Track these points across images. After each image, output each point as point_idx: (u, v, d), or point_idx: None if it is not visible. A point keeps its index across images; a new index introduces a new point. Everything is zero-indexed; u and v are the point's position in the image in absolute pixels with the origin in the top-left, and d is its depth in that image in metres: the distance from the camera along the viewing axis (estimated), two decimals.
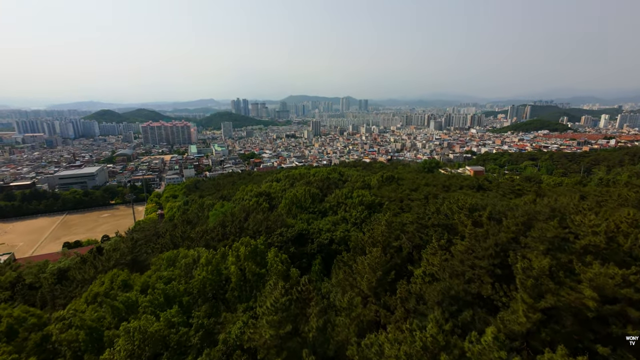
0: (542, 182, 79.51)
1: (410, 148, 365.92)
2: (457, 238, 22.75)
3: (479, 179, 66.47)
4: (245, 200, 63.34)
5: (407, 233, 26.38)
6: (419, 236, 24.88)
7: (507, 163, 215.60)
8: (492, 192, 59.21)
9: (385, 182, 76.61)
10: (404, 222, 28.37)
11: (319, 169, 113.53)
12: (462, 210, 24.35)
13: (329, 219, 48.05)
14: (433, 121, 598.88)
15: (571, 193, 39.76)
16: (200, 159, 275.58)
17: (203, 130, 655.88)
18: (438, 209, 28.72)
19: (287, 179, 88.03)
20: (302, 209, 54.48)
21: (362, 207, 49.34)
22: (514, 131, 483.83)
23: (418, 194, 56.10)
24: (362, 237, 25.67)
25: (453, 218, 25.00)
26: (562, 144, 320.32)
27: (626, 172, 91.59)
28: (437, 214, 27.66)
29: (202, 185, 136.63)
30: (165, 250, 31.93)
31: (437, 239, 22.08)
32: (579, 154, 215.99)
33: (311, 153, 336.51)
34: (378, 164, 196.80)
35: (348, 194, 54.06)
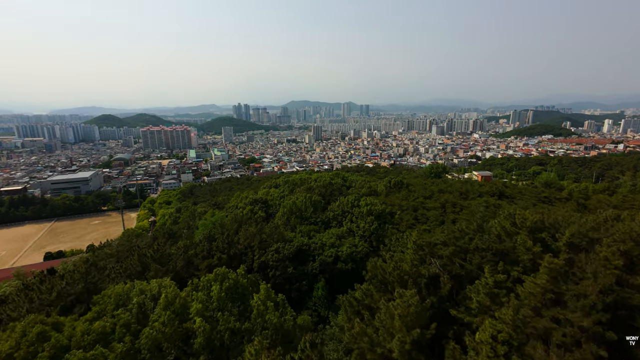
0: (563, 188, 72.78)
1: (413, 153, 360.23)
2: (518, 269, 16.17)
3: (498, 185, 59.99)
4: (239, 209, 56.82)
5: (440, 257, 19.89)
6: (459, 264, 18.37)
7: (514, 168, 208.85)
8: (517, 199, 52.71)
9: (393, 188, 70.05)
10: (434, 241, 21.90)
11: (320, 173, 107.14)
12: (522, 229, 17.86)
13: (333, 232, 41.51)
14: (435, 126, 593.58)
15: (626, 202, 33.21)
16: (199, 164, 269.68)
17: (204, 135, 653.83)
18: (481, 225, 22.10)
19: (286, 185, 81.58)
20: (302, 219, 47.98)
21: (371, 217, 42.80)
22: (517, 136, 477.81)
23: (433, 202, 49.60)
24: (384, 266, 19.08)
25: (505, 238, 18.47)
26: (569, 149, 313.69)
27: None
28: (480, 232, 21.11)
29: (198, 191, 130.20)
30: (129, 276, 25.51)
31: (491, 271, 15.52)
32: (589, 159, 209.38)
33: (312, 158, 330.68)
34: (382, 168, 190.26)
35: (354, 202, 47.56)
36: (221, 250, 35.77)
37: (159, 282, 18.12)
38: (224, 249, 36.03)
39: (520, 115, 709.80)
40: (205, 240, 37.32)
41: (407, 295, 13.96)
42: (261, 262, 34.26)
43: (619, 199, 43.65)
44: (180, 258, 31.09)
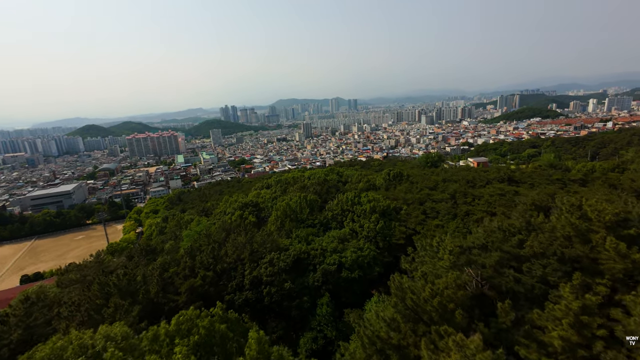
0: (569, 169, 69.19)
1: (404, 144, 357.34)
2: (602, 283, 11.52)
3: (505, 170, 55.90)
4: (228, 215, 51.53)
5: (481, 267, 15.18)
6: (513, 276, 13.65)
7: (508, 152, 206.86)
8: (528, 184, 48.62)
9: (393, 180, 65.49)
10: (468, 245, 17.23)
11: (314, 170, 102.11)
12: (598, 225, 13.20)
13: (333, 234, 36.65)
14: (424, 116, 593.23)
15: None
16: (188, 169, 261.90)
17: (192, 139, 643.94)
18: (529, 221, 17.33)
19: (278, 185, 76.38)
20: (298, 221, 43.01)
21: (375, 215, 38.03)
22: (506, 120, 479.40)
23: (440, 193, 45.10)
24: (414, 288, 14.16)
25: (575, 239, 13.81)
26: (559, 130, 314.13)
27: None
28: (530, 230, 16.36)
29: (186, 197, 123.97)
30: (87, 313, 20.25)
31: (573, 289, 10.83)
32: (582, 138, 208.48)
33: (304, 155, 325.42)
34: (375, 161, 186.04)
35: (355, 199, 42.72)
36: (206, 267, 30.61)
37: (107, 330, 13.08)
38: (209, 264, 30.87)
39: (507, 100, 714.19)
40: (187, 255, 32.08)
41: (471, 347, 9.17)
42: (253, 278, 29.21)
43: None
44: (154, 281, 25.88)
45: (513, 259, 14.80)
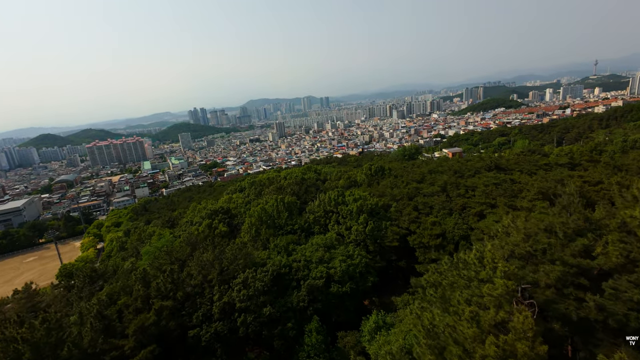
0: (548, 154, 68.52)
1: (378, 139, 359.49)
2: None
3: (491, 158, 53.64)
4: (195, 225, 45.21)
5: (533, 284, 10.86)
6: (595, 304, 9.41)
7: (479, 142, 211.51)
8: (515, 171, 46.26)
9: (375, 175, 61.57)
10: (505, 253, 12.85)
11: (290, 170, 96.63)
12: None
13: (317, 241, 31.76)
14: (395, 111, 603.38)
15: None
16: (155, 176, 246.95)
17: (160, 144, 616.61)
18: (587, 218, 13.09)
19: (252, 187, 70.31)
20: (276, 228, 37.73)
21: (363, 215, 33.56)
22: (473, 112, 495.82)
23: (430, 186, 41.47)
24: (459, 337, 9.47)
25: None
26: (523, 119, 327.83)
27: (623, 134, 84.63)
28: (594, 230, 12.22)
29: (153, 206, 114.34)
30: None
31: None
32: (547, 125, 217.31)
33: (278, 155, 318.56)
34: (351, 157, 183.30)
35: (338, 199, 38.04)
36: (164, 295, 24.66)
37: None
38: (167, 291, 24.93)
39: (472, 92, 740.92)
40: (140, 281, 25.90)
41: None
42: (224, 305, 23.68)
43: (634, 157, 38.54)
44: (89, 323, 19.73)
45: (580, 274, 10.69)
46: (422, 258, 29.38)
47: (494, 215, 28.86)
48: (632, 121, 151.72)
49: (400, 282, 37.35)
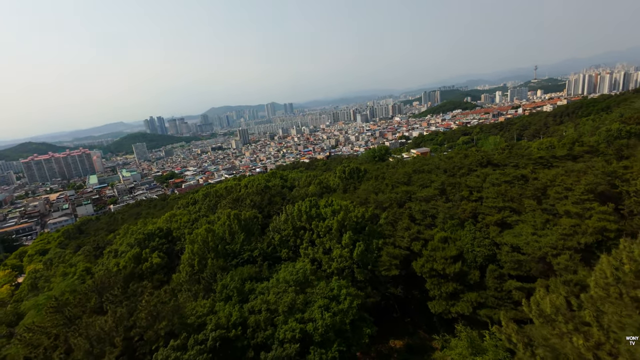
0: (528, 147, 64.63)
1: (345, 142, 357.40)
2: None
3: (481, 154, 47.54)
4: (119, 257, 33.49)
5: None
6: None
7: (444, 141, 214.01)
8: (510, 166, 40.20)
9: (350, 178, 53.18)
10: None
11: (252, 177, 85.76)
12: None
13: (285, 275, 22.10)
14: (359, 115, 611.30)
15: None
16: (102, 190, 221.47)
17: (113, 156, 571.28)
18: None
19: (206, 199, 58.83)
20: (229, 256, 27.54)
21: (348, 233, 24.56)
22: (433, 114, 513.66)
23: (422, 189, 33.60)
24: None
25: None
26: (480, 118, 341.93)
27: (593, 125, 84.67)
28: None
29: (91, 227, 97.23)
30: None
31: None
32: (505, 123, 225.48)
33: (243, 163, 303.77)
34: (319, 161, 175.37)
35: (311, 210, 28.71)
36: None
37: None
38: None
39: (430, 95, 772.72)
40: None
41: None
42: None
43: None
44: None
45: None
46: (437, 292, 20.96)
47: (523, 224, 21.35)
48: (583, 116, 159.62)
49: (396, 316, 28.73)
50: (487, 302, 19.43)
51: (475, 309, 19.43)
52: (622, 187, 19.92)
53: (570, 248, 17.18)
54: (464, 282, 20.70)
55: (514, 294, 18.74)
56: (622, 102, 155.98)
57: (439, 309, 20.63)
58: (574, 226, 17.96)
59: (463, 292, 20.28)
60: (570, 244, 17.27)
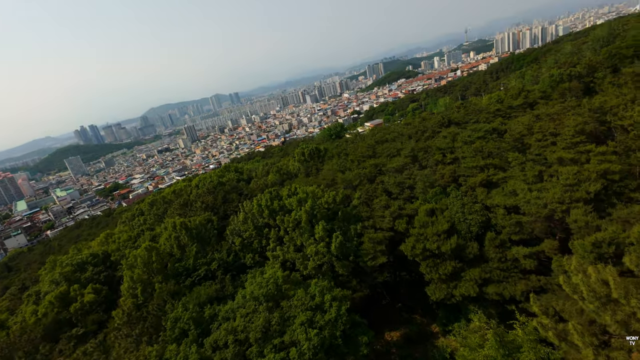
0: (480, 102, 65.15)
1: (298, 125, 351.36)
2: None
3: (442, 115, 45.87)
4: (41, 300, 26.60)
5: None
6: None
7: (395, 110, 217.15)
8: (471, 123, 38.79)
9: (311, 160, 49.10)
10: None
11: (204, 175, 78.13)
12: None
13: (254, 289, 17.66)
14: (308, 96, 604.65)
15: None
16: (35, 216, 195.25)
17: (43, 176, 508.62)
18: None
19: (153, 209, 51.45)
20: (180, 276, 22.40)
21: (321, 224, 20.57)
22: (379, 86, 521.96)
23: (390, 159, 30.61)
24: None
25: None
26: (424, 84, 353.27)
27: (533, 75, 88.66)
28: None
29: (22, 261, 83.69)
30: None
31: None
32: (448, 86, 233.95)
33: (194, 162, 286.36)
34: (275, 148, 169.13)
35: (273, 203, 24.28)
36: None
37: None
38: None
39: (373, 68, 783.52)
40: None
41: None
42: None
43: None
44: None
45: None
46: (434, 275, 17.97)
47: (514, 181, 19.02)
48: (516, 69, 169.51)
49: (385, 302, 25.95)
50: (492, 276, 17.02)
51: (480, 286, 16.92)
52: (616, 122, 18.28)
53: (579, 200, 15.06)
54: (462, 257, 18.04)
55: (522, 262, 16.42)
56: (546, 52, 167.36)
57: (440, 295, 17.85)
58: (577, 174, 15.82)
59: (463, 270, 17.64)
60: (578, 195, 15.12)
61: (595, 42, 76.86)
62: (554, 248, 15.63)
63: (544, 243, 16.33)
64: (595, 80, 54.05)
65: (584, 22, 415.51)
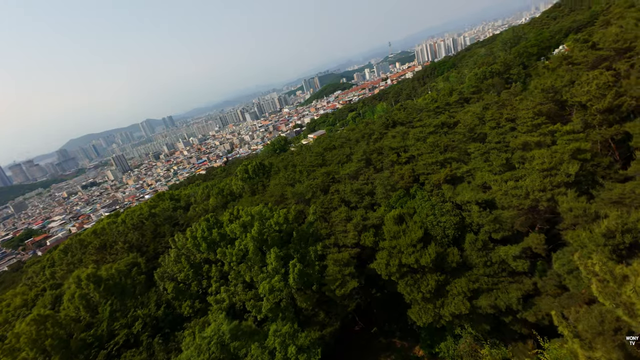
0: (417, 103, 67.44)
1: (240, 144, 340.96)
2: None
3: (387, 116, 45.18)
4: None
5: None
6: None
7: (336, 120, 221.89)
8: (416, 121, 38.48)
9: (256, 177, 44.66)
10: None
11: (133, 207, 68.15)
12: None
13: (191, 353, 13.20)
14: (247, 114, 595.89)
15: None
16: None
17: None
18: None
19: (67, 257, 42.10)
20: (89, 347, 16.46)
21: (273, 250, 16.59)
22: (317, 99, 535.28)
23: (341, 167, 27.92)
24: None
25: None
26: (359, 94, 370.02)
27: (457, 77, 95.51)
28: None
29: None
30: None
31: None
32: (382, 94, 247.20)
33: (126, 194, 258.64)
34: (218, 169, 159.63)
35: (212, 233, 19.65)
36: None
37: None
38: None
39: (310, 83, 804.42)
40: None
41: None
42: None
43: None
44: None
45: None
46: (416, 295, 15.00)
47: (480, 172, 17.34)
48: (439, 75, 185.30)
49: (358, 329, 22.59)
50: (481, 285, 14.76)
51: (470, 299, 14.49)
52: (574, 99, 17.68)
53: (560, 184, 13.58)
54: (444, 268, 15.56)
55: (512, 264, 14.39)
56: (462, 58, 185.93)
57: (427, 319, 15.01)
58: (552, 155, 14.46)
59: (448, 283, 15.14)
60: (560, 179, 13.65)
61: (504, 44, 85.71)
62: (541, 243, 13.94)
63: (528, 238, 14.60)
64: (511, 76, 59.34)
65: (484, 33, 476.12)
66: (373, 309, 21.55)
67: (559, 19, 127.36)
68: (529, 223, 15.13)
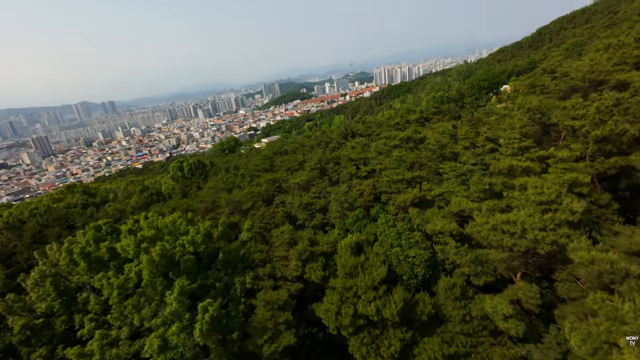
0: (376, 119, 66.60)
1: (188, 140, 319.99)
2: None
3: (345, 127, 42.33)
4: None
5: None
6: None
7: (292, 128, 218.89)
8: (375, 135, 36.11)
9: (191, 177, 38.21)
10: None
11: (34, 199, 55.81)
12: None
13: None
14: (200, 110, 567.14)
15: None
16: None
17: None
18: None
19: None
20: None
21: (175, 290, 11.60)
22: (276, 105, 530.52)
23: (291, 174, 23.68)
24: None
25: None
26: (318, 106, 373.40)
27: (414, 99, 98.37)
28: None
29: None
30: None
31: None
32: (339, 108, 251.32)
33: (42, 182, 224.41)
34: (157, 164, 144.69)
35: (96, 244, 13.96)
36: None
37: None
38: None
39: (270, 88, 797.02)
40: None
41: None
42: None
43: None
44: None
45: None
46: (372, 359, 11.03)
47: (456, 198, 14.33)
48: (395, 97, 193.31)
49: None
50: (457, 346, 11.33)
51: None
52: (565, 123, 15.64)
53: (562, 224, 10.88)
54: (412, 321, 11.90)
55: (502, 326, 11.08)
56: (417, 85, 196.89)
57: None
58: (549, 187, 11.84)
59: (416, 342, 11.48)
60: (562, 216, 10.94)
61: (459, 74, 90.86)
62: (535, 297, 11.03)
63: (516, 288, 11.62)
64: (465, 105, 61.39)
65: (436, 66, 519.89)
66: (312, 354, 17.23)
67: (502, 62, 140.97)
68: (516, 267, 12.32)
